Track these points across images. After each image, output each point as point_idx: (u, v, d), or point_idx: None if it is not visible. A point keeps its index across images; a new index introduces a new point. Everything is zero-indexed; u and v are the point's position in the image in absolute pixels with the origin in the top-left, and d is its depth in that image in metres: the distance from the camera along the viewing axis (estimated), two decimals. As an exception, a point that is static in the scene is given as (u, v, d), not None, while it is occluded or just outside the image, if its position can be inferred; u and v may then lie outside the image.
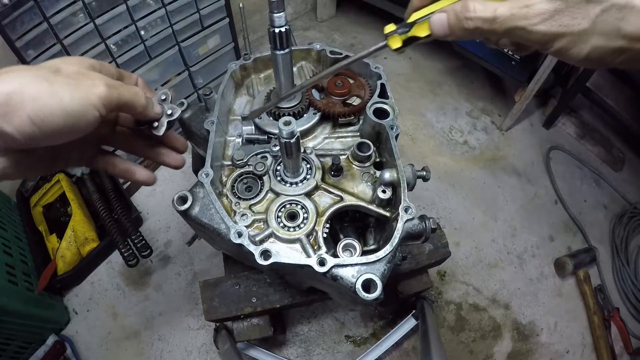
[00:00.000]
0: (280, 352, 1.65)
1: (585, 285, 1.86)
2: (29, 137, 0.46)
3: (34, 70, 0.47)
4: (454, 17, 0.51)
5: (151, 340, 1.68)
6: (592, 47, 0.46)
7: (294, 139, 0.73)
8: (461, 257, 1.94)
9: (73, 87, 0.48)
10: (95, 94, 0.50)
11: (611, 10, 0.43)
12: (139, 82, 0.69)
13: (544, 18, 0.45)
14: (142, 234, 1.71)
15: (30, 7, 1.39)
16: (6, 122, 0.44)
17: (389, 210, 0.85)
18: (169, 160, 0.74)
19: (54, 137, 0.48)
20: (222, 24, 2.04)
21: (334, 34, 2.94)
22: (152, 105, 0.64)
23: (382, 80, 1.00)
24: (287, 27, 0.77)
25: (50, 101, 0.46)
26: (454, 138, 2.38)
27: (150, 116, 0.64)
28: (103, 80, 0.52)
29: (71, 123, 0.48)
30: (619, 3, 0.43)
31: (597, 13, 0.44)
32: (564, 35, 0.46)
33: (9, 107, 0.44)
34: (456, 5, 0.51)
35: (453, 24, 0.52)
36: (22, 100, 0.44)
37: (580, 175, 2.31)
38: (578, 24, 0.45)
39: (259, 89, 1.09)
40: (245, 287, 1.19)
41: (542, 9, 0.45)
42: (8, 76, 0.45)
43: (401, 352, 1.66)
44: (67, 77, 0.49)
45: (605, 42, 0.45)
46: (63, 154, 0.61)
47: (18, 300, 1.41)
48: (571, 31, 0.45)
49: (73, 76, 0.50)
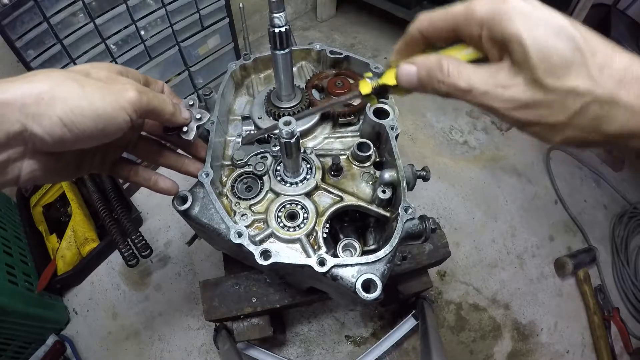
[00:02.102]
0: (280, 352, 1.65)
1: (585, 285, 1.86)
2: (59, 139, 0.45)
3: (64, 73, 0.47)
4: (426, 74, 0.47)
5: (151, 340, 1.68)
6: (567, 137, 0.42)
7: (294, 139, 0.73)
8: (461, 257, 1.94)
9: (104, 89, 0.47)
10: (126, 98, 0.49)
11: (592, 105, 0.39)
12: (165, 89, 0.69)
13: (518, 106, 0.41)
14: (142, 234, 1.71)
15: (30, 7, 1.39)
16: (36, 123, 0.43)
17: (389, 210, 0.85)
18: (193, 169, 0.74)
19: (84, 140, 0.47)
20: (222, 24, 2.04)
21: (334, 34, 2.94)
22: (180, 111, 0.64)
23: (382, 80, 1.00)
24: (287, 27, 0.77)
25: (81, 103, 0.45)
26: (454, 138, 2.38)
27: (179, 122, 0.65)
28: (134, 85, 0.52)
29: (102, 126, 0.47)
30: (601, 98, 0.38)
31: (577, 109, 0.39)
32: (538, 124, 0.42)
33: (39, 107, 0.43)
34: (428, 60, 0.47)
35: (425, 81, 0.47)
36: (52, 101, 0.43)
37: (580, 175, 2.31)
38: (554, 117, 0.41)
39: (259, 89, 1.09)
40: (245, 287, 1.19)
41: (518, 98, 0.41)
42: (37, 77, 0.44)
43: (401, 352, 1.66)
44: (98, 80, 0.49)
45: (581, 135, 0.41)
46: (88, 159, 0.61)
47: (18, 300, 1.40)
48: (546, 122, 0.41)
49: (104, 79, 0.50)
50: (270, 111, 0.96)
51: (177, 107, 0.63)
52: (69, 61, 1.59)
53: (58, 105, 0.43)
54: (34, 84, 0.44)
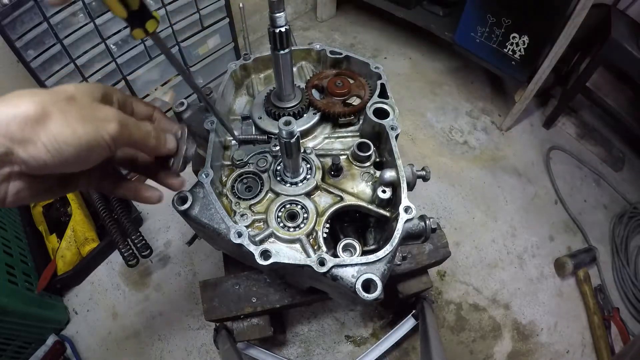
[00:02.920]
0: (280, 352, 1.65)
1: (585, 285, 1.86)
2: (44, 163, 0.46)
3: (49, 96, 0.47)
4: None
5: (151, 340, 1.68)
6: None
7: (294, 139, 0.73)
8: (461, 257, 1.94)
9: (87, 120, 0.48)
10: (107, 131, 0.50)
11: None
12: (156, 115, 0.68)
13: None
14: (142, 234, 1.71)
15: (30, 7, 1.39)
16: (22, 148, 0.44)
17: (389, 210, 0.85)
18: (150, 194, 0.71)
19: (66, 166, 0.49)
20: (222, 24, 2.04)
21: (334, 34, 2.94)
22: (164, 142, 0.64)
23: (382, 80, 1.00)
24: (287, 27, 0.77)
25: (64, 131, 0.46)
26: (454, 138, 2.38)
27: (161, 153, 0.64)
28: (117, 117, 0.52)
29: (83, 155, 0.49)
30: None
31: None
32: None
33: (24, 133, 0.44)
34: None
35: None
36: (37, 127, 0.44)
37: (580, 175, 2.31)
38: None
39: (259, 89, 1.09)
40: (245, 287, 1.19)
41: None
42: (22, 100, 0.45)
43: (401, 352, 1.66)
44: (82, 108, 0.49)
45: None
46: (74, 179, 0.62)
47: (18, 300, 1.41)
48: None
49: (87, 108, 0.50)
50: (270, 111, 0.96)
51: (162, 138, 0.63)
52: (69, 61, 1.59)
53: (42, 132, 0.44)
54: (19, 108, 0.44)
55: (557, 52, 1.88)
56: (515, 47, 2.02)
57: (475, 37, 2.15)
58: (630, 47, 1.87)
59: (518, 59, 2.04)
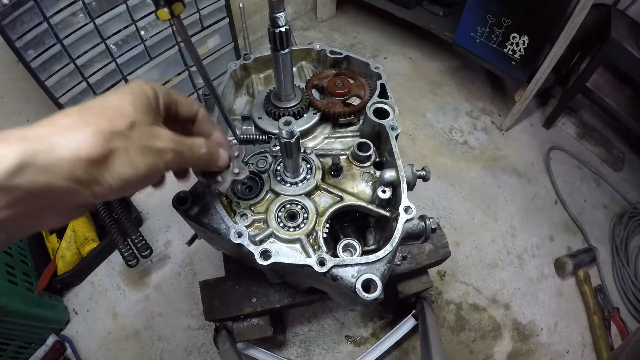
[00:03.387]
0: (280, 352, 1.65)
1: (585, 285, 1.86)
2: (103, 199, 0.48)
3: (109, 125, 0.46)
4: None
5: (151, 340, 1.68)
6: None
7: (294, 139, 0.73)
8: (461, 257, 1.94)
9: (147, 154, 0.49)
10: (163, 161, 0.52)
11: None
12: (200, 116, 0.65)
13: None
14: (142, 234, 1.71)
15: (30, 7, 1.39)
16: (87, 188, 0.44)
17: (389, 210, 0.85)
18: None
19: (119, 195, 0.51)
20: (222, 24, 2.04)
21: (334, 34, 2.94)
22: (215, 161, 0.64)
23: (382, 80, 1.00)
24: (287, 27, 0.77)
25: (128, 170, 0.47)
26: (454, 138, 2.38)
27: (211, 170, 0.66)
28: (172, 146, 0.53)
29: (140, 186, 0.51)
30: None
31: None
32: None
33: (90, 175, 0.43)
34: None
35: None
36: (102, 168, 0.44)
37: (580, 175, 2.31)
38: None
39: (259, 89, 1.09)
40: (245, 287, 1.19)
41: None
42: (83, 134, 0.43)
43: (401, 352, 1.66)
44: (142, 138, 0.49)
45: None
46: None
47: (18, 300, 1.41)
48: None
49: (146, 137, 0.50)
50: (270, 111, 0.96)
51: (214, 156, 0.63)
52: (69, 61, 1.59)
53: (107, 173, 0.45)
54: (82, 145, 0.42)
55: (557, 52, 1.88)
56: (515, 47, 2.02)
57: (475, 37, 2.15)
58: (630, 47, 1.87)
59: (518, 59, 2.04)
